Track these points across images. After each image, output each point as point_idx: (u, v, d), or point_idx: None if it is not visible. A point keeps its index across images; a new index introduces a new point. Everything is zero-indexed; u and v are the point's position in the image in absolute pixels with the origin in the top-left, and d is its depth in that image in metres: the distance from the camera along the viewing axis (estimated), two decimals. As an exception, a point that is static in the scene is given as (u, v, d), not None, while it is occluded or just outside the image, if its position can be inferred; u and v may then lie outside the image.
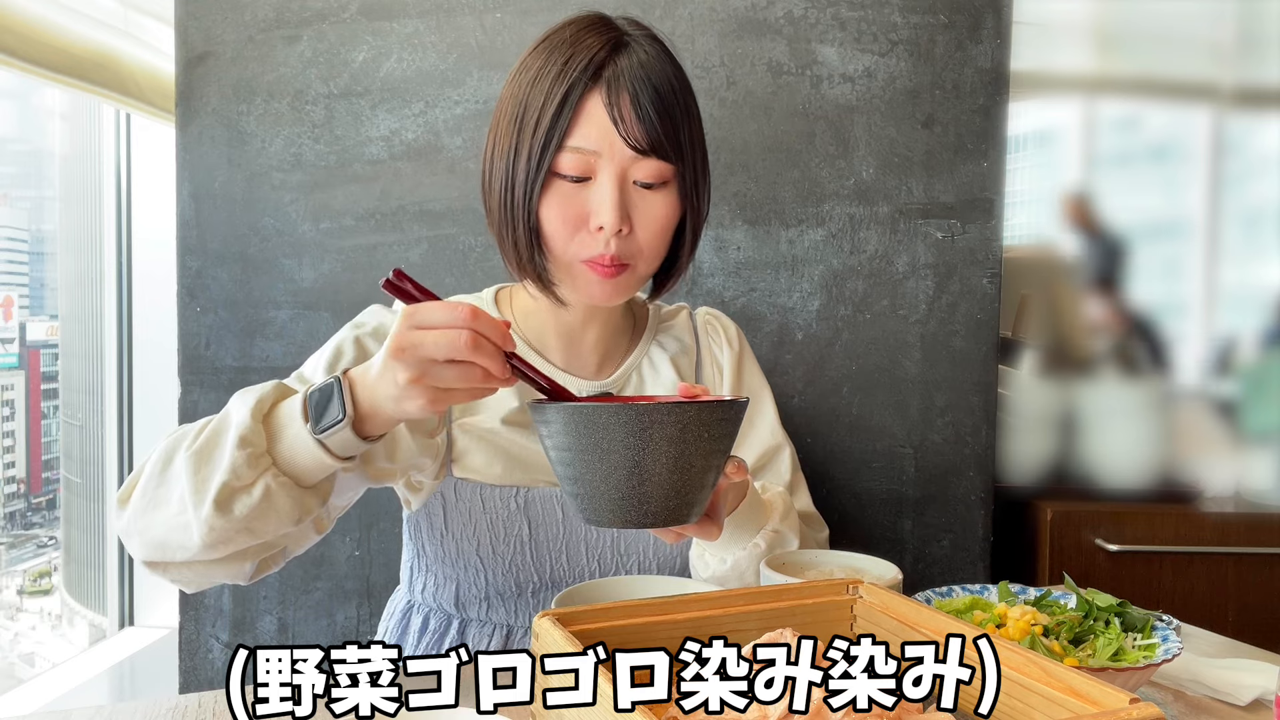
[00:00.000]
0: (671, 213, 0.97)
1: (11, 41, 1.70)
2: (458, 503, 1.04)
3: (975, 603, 0.90)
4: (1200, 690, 0.89)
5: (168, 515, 0.84)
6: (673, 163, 0.95)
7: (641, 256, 0.97)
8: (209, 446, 0.83)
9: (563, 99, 0.92)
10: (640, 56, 0.94)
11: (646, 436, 0.71)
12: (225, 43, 1.62)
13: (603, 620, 0.67)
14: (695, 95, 1.01)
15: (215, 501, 0.80)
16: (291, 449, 0.82)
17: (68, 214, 2.91)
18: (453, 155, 1.62)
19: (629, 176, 0.94)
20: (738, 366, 1.15)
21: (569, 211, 0.94)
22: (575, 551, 1.06)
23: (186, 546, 0.83)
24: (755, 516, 0.98)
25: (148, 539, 0.85)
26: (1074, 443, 1.87)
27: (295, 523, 0.84)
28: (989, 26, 1.60)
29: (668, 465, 0.73)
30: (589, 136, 0.92)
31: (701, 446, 0.74)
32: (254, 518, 0.82)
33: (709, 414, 0.74)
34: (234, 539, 0.83)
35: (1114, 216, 1.93)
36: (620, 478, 0.73)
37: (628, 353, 1.10)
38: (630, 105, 0.92)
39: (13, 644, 3.22)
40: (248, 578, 0.90)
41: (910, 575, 0.98)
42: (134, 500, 0.86)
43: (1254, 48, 1.93)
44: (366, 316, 1.06)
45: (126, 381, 2.53)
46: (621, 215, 0.93)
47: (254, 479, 0.81)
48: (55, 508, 3.15)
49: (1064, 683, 0.57)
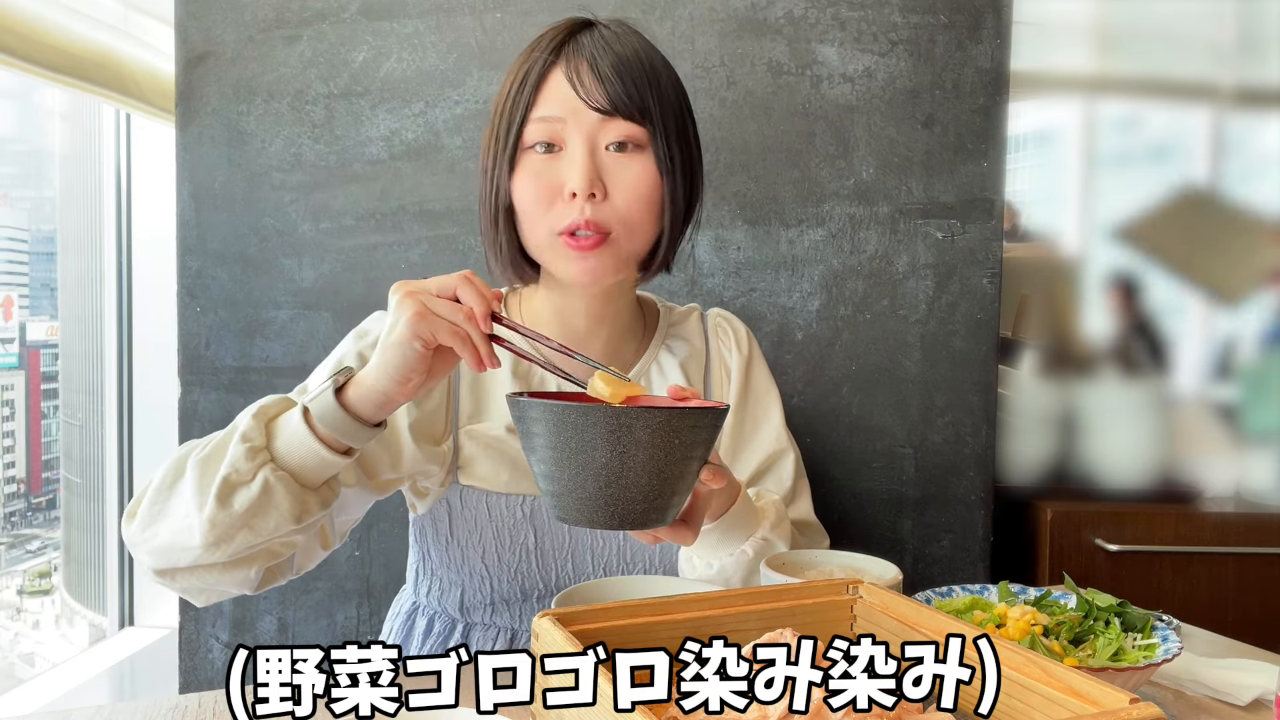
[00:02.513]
0: (648, 178, 0.96)
1: (12, 41, 1.70)
2: (463, 510, 1.04)
3: (975, 603, 0.90)
4: (1200, 690, 0.89)
5: (173, 521, 0.85)
6: (640, 123, 0.94)
7: (622, 225, 0.95)
8: (215, 451, 0.85)
9: (524, 77, 0.95)
10: (603, 32, 0.96)
11: (620, 438, 0.71)
12: (225, 43, 1.62)
13: (603, 620, 0.67)
14: (676, 73, 1.01)
15: (216, 496, 0.82)
16: (288, 444, 0.84)
17: (68, 214, 2.91)
18: (453, 155, 1.62)
19: (598, 141, 0.94)
20: (746, 370, 1.14)
21: (541, 184, 0.95)
22: (581, 559, 1.05)
23: (190, 548, 0.84)
24: (746, 523, 0.98)
25: (153, 546, 0.86)
26: (1074, 443, 1.87)
27: (296, 521, 0.85)
28: (989, 26, 1.60)
29: (640, 469, 0.73)
30: (551, 105, 0.94)
31: (675, 452, 0.73)
32: (253, 513, 0.82)
33: (683, 420, 0.73)
34: (234, 536, 0.83)
35: (1114, 217, 1.93)
36: (592, 478, 0.73)
37: (637, 355, 1.10)
38: (589, 68, 0.93)
39: (13, 644, 3.22)
40: (254, 586, 0.90)
41: (910, 575, 0.98)
42: (141, 512, 0.87)
43: (1254, 48, 1.93)
44: (370, 324, 1.05)
45: (126, 381, 2.53)
46: (591, 179, 0.93)
47: (253, 473, 0.82)
48: (55, 508, 3.15)
49: (1064, 683, 0.57)
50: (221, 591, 0.90)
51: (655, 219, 0.98)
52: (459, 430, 1.04)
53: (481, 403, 1.05)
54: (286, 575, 0.93)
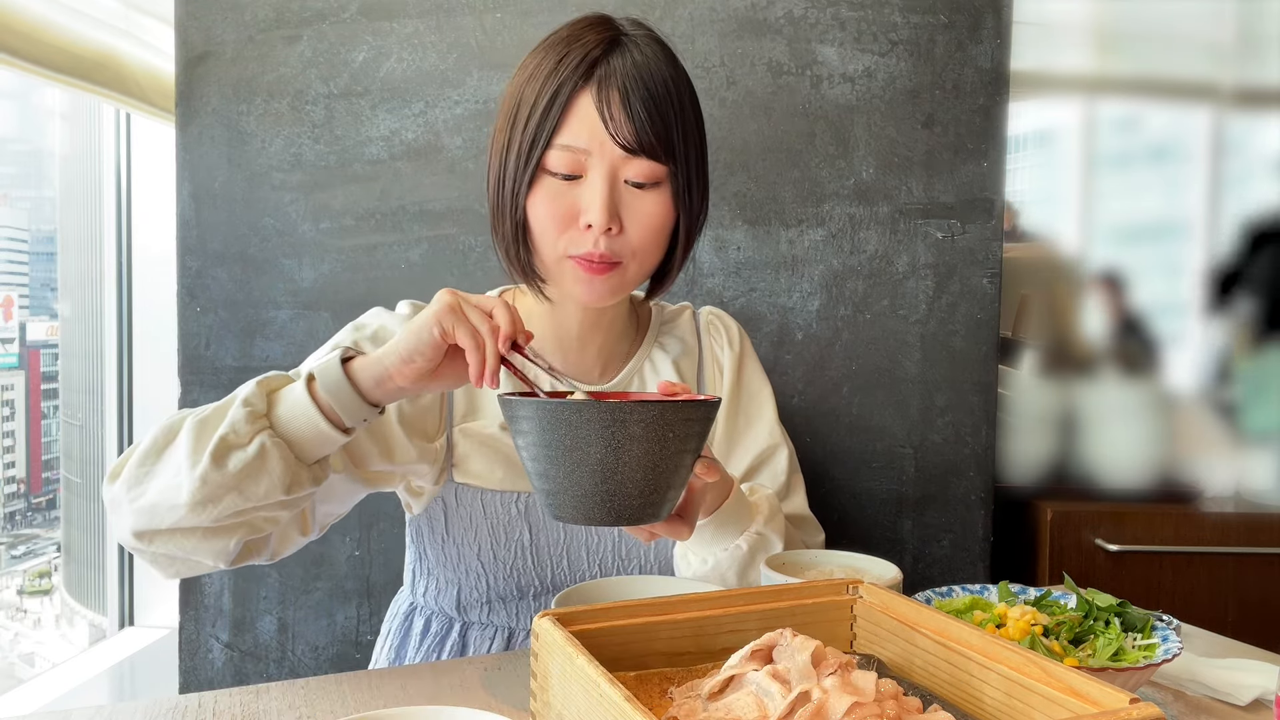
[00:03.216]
0: (664, 213, 0.96)
1: (13, 41, 1.70)
2: (459, 508, 1.04)
3: (975, 603, 0.90)
4: (1200, 690, 0.89)
5: (161, 480, 0.85)
6: (664, 163, 0.94)
7: (634, 257, 0.96)
8: (214, 414, 0.86)
9: (553, 96, 0.92)
10: (635, 56, 0.93)
11: (613, 434, 0.72)
12: (225, 43, 1.62)
13: (603, 620, 0.67)
14: (697, 96, 1.00)
15: (212, 454, 0.82)
16: (290, 411, 0.85)
17: (68, 214, 2.91)
18: (453, 155, 1.62)
19: (619, 175, 0.94)
20: (738, 366, 1.14)
21: (558, 208, 0.94)
22: (576, 556, 1.06)
23: (175, 505, 0.83)
24: (739, 518, 0.98)
25: (138, 505, 0.85)
26: (1074, 443, 1.87)
27: (285, 491, 0.85)
28: (989, 26, 1.60)
29: (634, 463, 0.73)
30: (578, 134, 0.92)
31: (669, 446, 0.74)
32: (246, 475, 0.83)
33: (676, 413, 0.74)
34: (223, 498, 0.83)
35: (1114, 217, 1.93)
36: (587, 475, 0.74)
37: (629, 355, 1.10)
38: (620, 104, 0.91)
39: (13, 644, 3.22)
40: (230, 560, 0.89)
41: (910, 575, 0.98)
42: (127, 471, 0.87)
43: (1254, 48, 1.93)
44: (369, 318, 1.06)
45: (126, 381, 2.53)
46: (610, 214, 0.93)
47: (251, 435, 0.83)
48: (55, 508, 3.15)
49: (1064, 683, 0.57)
50: (195, 563, 0.88)
51: (664, 246, 0.99)
52: (453, 428, 1.04)
53: (475, 401, 1.06)
54: (262, 555, 0.93)
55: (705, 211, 1.03)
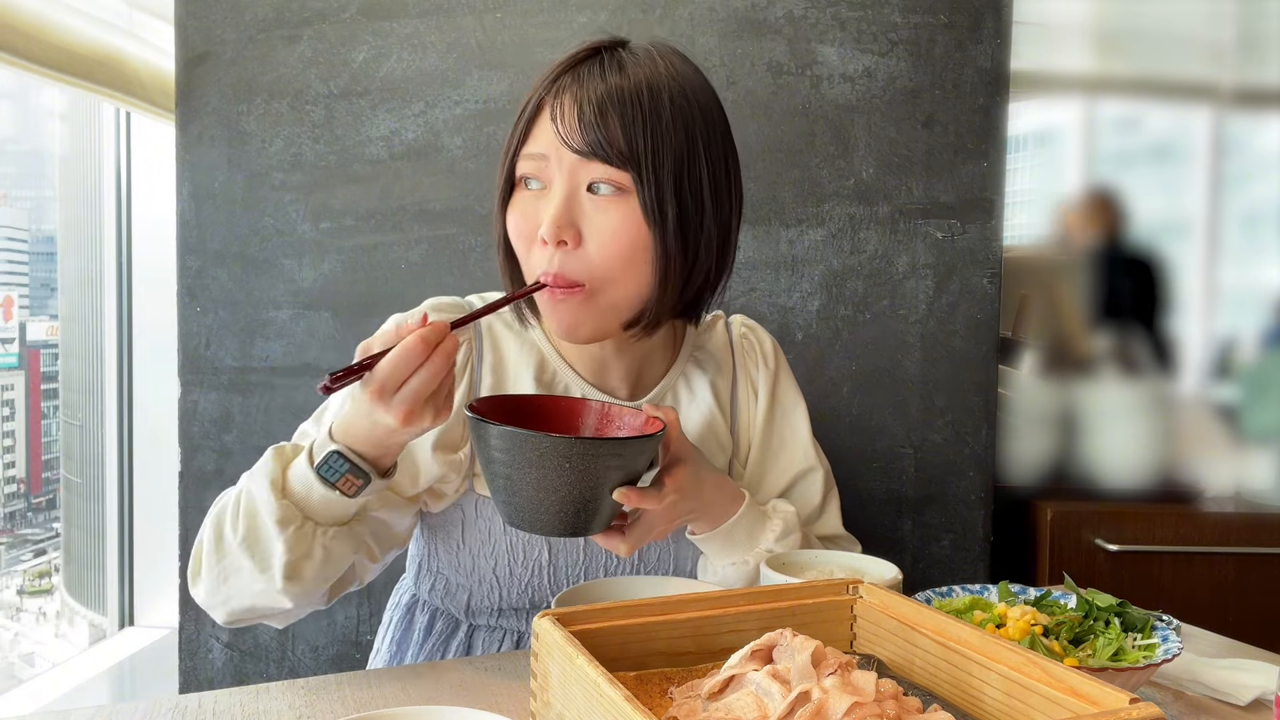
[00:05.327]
0: (627, 227, 0.88)
1: (14, 40, 1.70)
2: (477, 520, 1.02)
3: (975, 603, 0.90)
4: (1200, 690, 0.89)
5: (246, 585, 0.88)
6: (620, 168, 0.87)
7: (594, 276, 0.89)
8: (252, 534, 0.87)
9: (524, 106, 0.93)
10: (608, 60, 0.91)
11: (511, 456, 0.80)
12: (225, 43, 1.62)
13: (603, 620, 0.67)
14: (706, 112, 0.92)
15: (285, 578, 0.86)
16: (327, 509, 0.86)
17: (68, 214, 2.91)
18: (453, 155, 1.62)
19: (579, 182, 0.89)
20: (773, 388, 1.11)
21: (525, 223, 0.92)
22: (594, 577, 1.03)
23: (281, 608, 0.90)
24: (751, 534, 0.98)
25: (234, 607, 0.90)
26: (1074, 443, 1.87)
27: (355, 552, 0.92)
28: (989, 26, 1.60)
29: (531, 485, 0.81)
30: (539, 140, 0.91)
31: (566, 476, 0.80)
32: (322, 569, 0.88)
33: (571, 448, 0.79)
34: (313, 590, 0.90)
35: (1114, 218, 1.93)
36: (499, 486, 0.83)
37: (663, 373, 1.06)
38: (571, 105, 0.89)
39: (13, 644, 3.22)
40: (326, 603, 0.96)
41: (910, 575, 0.98)
42: (204, 576, 0.90)
43: (1254, 48, 1.93)
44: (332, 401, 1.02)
45: (126, 381, 2.53)
46: (560, 224, 0.87)
47: (310, 546, 0.87)
48: (55, 508, 3.15)
49: (1064, 683, 0.57)
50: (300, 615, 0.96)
51: (639, 272, 0.90)
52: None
53: None
54: (351, 585, 0.99)
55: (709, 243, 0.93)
